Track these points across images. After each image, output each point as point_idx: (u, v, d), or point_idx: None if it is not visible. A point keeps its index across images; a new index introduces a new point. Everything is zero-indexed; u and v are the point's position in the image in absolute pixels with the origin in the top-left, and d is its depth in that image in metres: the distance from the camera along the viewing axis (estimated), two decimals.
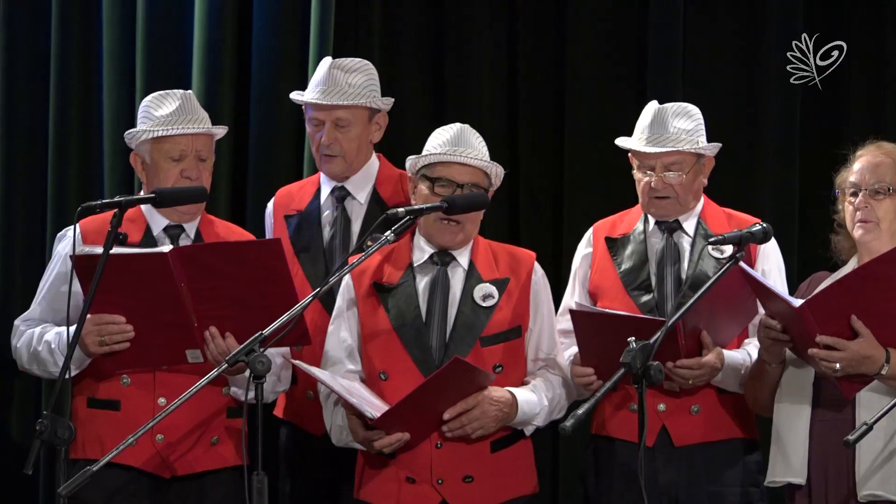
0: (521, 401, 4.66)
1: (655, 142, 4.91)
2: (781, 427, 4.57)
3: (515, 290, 4.75)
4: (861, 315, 4.37)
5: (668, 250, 4.96)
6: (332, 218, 5.18)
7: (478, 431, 4.61)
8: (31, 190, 6.26)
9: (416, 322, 4.68)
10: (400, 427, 4.55)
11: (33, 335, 4.80)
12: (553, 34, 6.23)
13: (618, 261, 4.98)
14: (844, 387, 4.43)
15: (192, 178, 4.81)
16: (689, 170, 4.93)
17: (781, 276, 4.99)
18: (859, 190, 4.58)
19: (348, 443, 4.69)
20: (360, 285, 4.74)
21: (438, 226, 4.68)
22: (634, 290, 4.93)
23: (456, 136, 4.74)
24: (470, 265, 4.75)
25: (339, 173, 5.18)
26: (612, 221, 5.11)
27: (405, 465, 4.65)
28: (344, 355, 4.74)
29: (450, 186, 4.68)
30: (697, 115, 4.98)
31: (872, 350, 4.38)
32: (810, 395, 4.54)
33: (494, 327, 4.70)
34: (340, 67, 5.15)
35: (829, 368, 4.39)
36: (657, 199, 4.94)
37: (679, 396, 4.83)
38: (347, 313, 4.76)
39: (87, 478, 3.97)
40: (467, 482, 4.65)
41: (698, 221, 4.99)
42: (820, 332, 4.37)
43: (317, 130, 5.17)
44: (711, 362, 4.71)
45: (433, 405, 4.56)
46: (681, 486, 4.83)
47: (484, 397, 4.59)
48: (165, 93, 4.89)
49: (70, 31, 6.23)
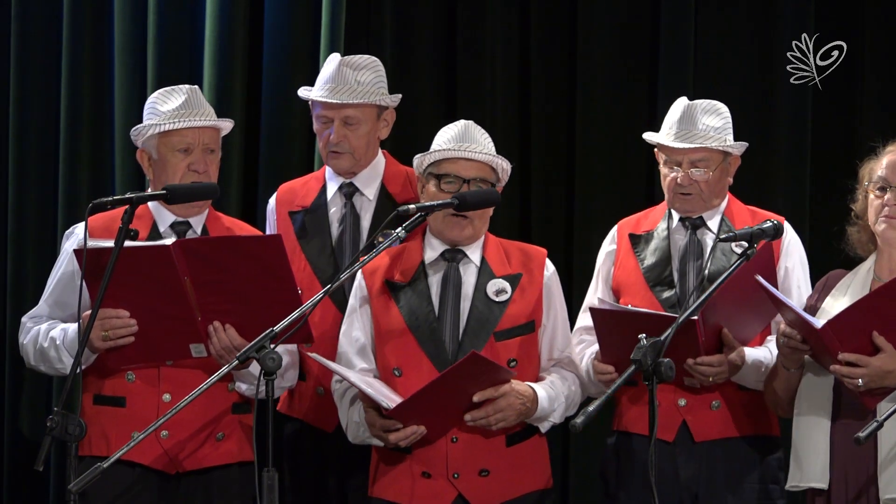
0: (541, 396, 4.67)
1: (684, 137, 4.91)
2: (802, 433, 4.57)
3: (528, 286, 4.75)
4: (882, 330, 4.37)
5: (691, 247, 4.96)
6: (340, 214, 5.18)
7: (500, 424, 4.61)
8: (42, 186, 6.27)
9: (429, 318, 4.68)
10: (416, 420, 4.55)
11: (39, 332, 4.80)
12: (565, 32, 6.23)
13: (641, 257, 4.99)
14: (866, 399, 4.43)
15: (200, 170, 4.81)
16: (715, 167, 4.93)
17: (805, 271, 4.99)
18: (888, 185, 4.56)
19: (364, 439, 4.69)
20: (372, 284, 4.75)
21: (447, 221, 4.69)
22: (657, 287, 4.93)
23: (461, 132, 4.74)
24: (482, 261, 4.75)
25: (347, 169, 5.18)
26: (637, 219, 5.12)
27: (421, 460, 4.65)
28: (357, 353, 4.75)
29: (456, 182, 4.68)
30: (726, 114, 4.98)
31: (894, 364, 4.38)
32: (830, 402, 4.53)
33: (508, 322, 4.70)
34: (349, 65, 5.14)
35: (852, 384, 4.39)
36: (682, 195, 4.94)
37: (699, 392, 4.83)
38: (360, 312, 4.77)
39: (97, 474, 3.97)
40: (483, 476, 4.66)
41: (722, 219, 4.99)
42: (842, 350, 4.38)
43: (325, 128, 5.16)
44: (732, 360, 4.72)
45: (450, 399, 4.56)
46: (701, 482, 4.84)
47: (511, 389, 4.59)
48: (171, 88, 4.89)
49: (81, 26, 6.24)
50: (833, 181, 4.88)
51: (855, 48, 6.09)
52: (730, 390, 4.84)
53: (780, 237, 4.59)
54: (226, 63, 6.08)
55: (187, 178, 4.79)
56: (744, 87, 6.11)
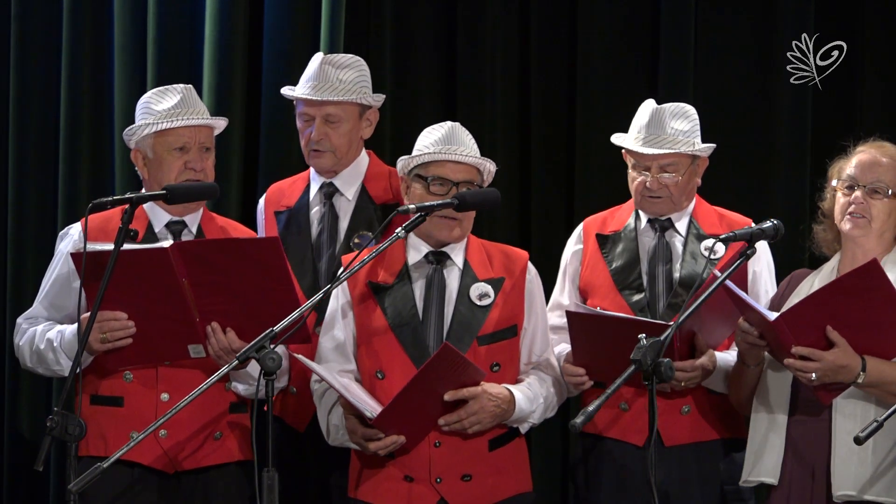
0: (519, 398, 4.66)
1: (652, 143, 4.91)
2: (758, 428, 4.59)
3: (510, 290, 4.74)
4: (836, 325, 4.38)
5: (660, 249, 4.96)
6: (320, 215, 5.17)
7: (475, 427, 4.60)
8: (42, 186, 6.27)
9: (412, 321, 4.67)
10: (397, 427, 4.54)
11: (35, 333, 4.80)
12: (565, 30, 6.22)
13: (609, 259, 4.98)
14: (821, 395, 4.44)
15: (197, 168, 4.81)
16: (684, 171, 4.93)
17: (771, 275, 5.00)
18: (856, 185, 4.57)
19: (343, 442, 4.69)
20: (354, 286, 4.73)
21: (436, 222, 4.65)
22: (626, 290, 4.92)
23: (447, 134, 4.73)
24: (465, 264, 4.73)
25: (328, 168, 5.17)
26: (603, 217, 5.11)
27: (403, 463, 4.64)
28: (338, 355, 4.74)
29: (445, 185, 4.66)
30: (694, 116, 4.98)
31: (848, 359, 4.38)
32: (788, 398, 4.55)
33: (491, 326, 4.69)
34: (331, 63, 5.14)
35: (806, 378, 4.40)
36: (651, 199, 4.94)
37: (670, 397, 4.82)
38: (342, 313, 4.75)
39: (97, 474, 3.97)
40: (465, 481, 4.65)
41: (690, 220, 4.99)
42: (796, 343, 4.38)
43: (307, 126, 5.17)
44: (704, 364, 4.73)
45: (428, 400, 4.55)
46: (671, 486, 4.82)
47: (483, 392, 4.58)
48: (165, 88, 4.89)
49: (81, 26, 6.24)
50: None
51: (855, 48, 6.09)
52: (700, 395, 4.84)
53: (779, 237, 4.59)
54: (226, 63, 6.08)
55: (184, 177, 4.79)
56: (744, 87, 6.11)
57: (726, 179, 5.93)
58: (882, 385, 4.41)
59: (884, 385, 4.41)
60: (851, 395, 4.45)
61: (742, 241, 4.41)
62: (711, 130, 5.87)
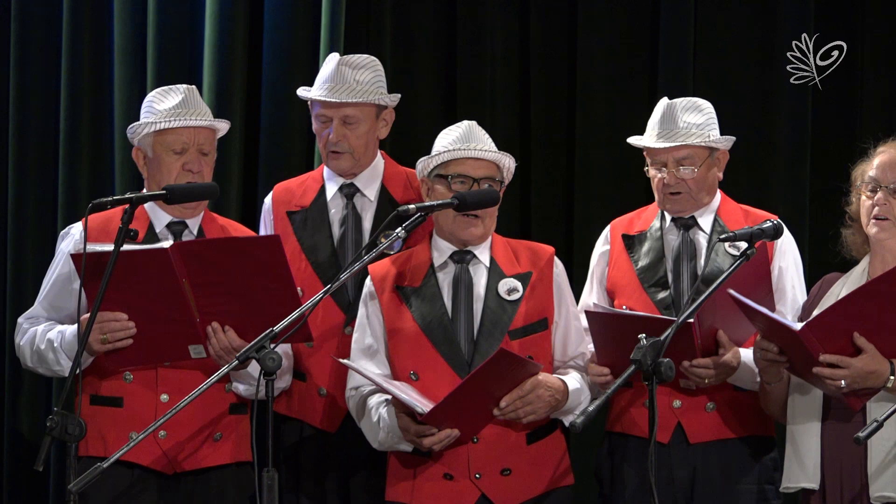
0: (572, 388, 4.70)
1: (665, 137, 4.91)
2: (795, 434, 4.57)
3: (538, 284, 4.76)
4: (863, 330, 4.36)
5: (685, 247, 4.96)
6: (342, 215, 5.17)
7: (530, 416, 4.62)
8: (42, 186, 6.26)
9: (442, 320, 4.69)
10: (449, 422, 4.54)
11: (36, 333, 4.80)
12: (565, 30, 6.22)
13: (634, 258, 4.98)
14: (852, 401, 4.42)
15: (195, 171, 4.81)
16: (701, 164, 4.92)
17: (799, 271, 4.99)
18: (878, 186, 4.56)
19: (393, 445, 4.69)
20: (382, 291, 4.76)
21: (458, 222, 4.69)
22: (651, 287, 4.93)
23: (465, 132, 4.76)
24: (491, 261, 4.76)
25: (347, 169, 5.17)
26: (630, 219, 5.11)
27: (442, 462, 4.66)
28: (370, 360, 4.75)
29: (466, 182, 4.69)
30: (708, 109, 4.97)
31: (877, 365, 4.37)
32: (820, 403, 4.54)
33: (521, 320, 4.72)
34: (348, 64, 5.14)
35: (835, 386, 4.38)
36: (671, 195, 4.93)
37: (694, 394, 4.83)
38: (371, 319, 4.77)
39: (97, 474, 3.96)
40: (505, 475, 4.66)
41: (715, 218, 4.98)
42: (823, 351, 4.36)
43: (324, 127, 5.16)
44: (728, 361, 4.71)
45: (480, 398, 4.56)
46: (696, 483, 4.83)
47: (539, 382, 4.60)
48: (169, 87, 4.90)
49: (81, 26, 6.24)
50: (833, 181, 4.87)
51: (855, 48, 6.09)
52: (725, 391, 4.83)
53: (780, 237, 4.58)
54: (226, 63, 6.08)
55: (182, 178, 4.80)
56: (744, 87, 6.11)
57: (726, 179, 5.92)
58: None
59: None
60: (883, 398, 4.41)
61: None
62: None
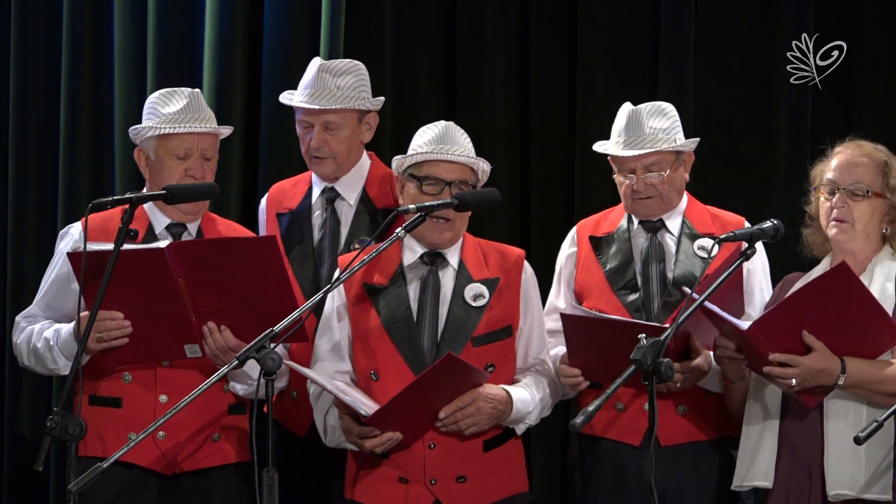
0: (516, 399, 4.65)
1: (633, 144, 4.90)
2: (751, 432, 4.58)
3: (506, 290, 4.73)
4: (813, 329, 4.36)
5: (653, 249, 4.95)
6: (322, 220, 5.17)
7: (472, 428, 4.59)
8: (42, 186, 6.27)
9: (407, 322, 4.66)
10: (393, 426, 4.53)
11: (33, 332, 4.80)
12: (565, 31, 6.22)
13: (602, 260, 4.97)
14: (806, 399, 4.43)
15: (197, 177, 4.80)
16: (669, 168, 4.92)
17: (766, 274, 4.99)
18: (836, 188, 4.55)
19: (340, 443, 4.69)
20: (349, 287, 4.72)
21: (427, 224, 4.62)
22: (620, 290, 4.92)
23: (441, 133, 4.72)
24: (460, 265, 4.72)
25: (329, 174, 5.17)
26: (597, 220, 5.10)
27: (398, 465, 4.64)
28: (334, 356, 4.73)
29: (438, 185, 4.65)
30: (672, 113, 4.97)
31: (826, 363, 4.37)
32: (779, 401, 4.54)
33: (485, 327, 4.68)
34: (329, 70, 5.12)
35: (785, 385, 4.38)
36: (641, 200, 4.93)
37: (665, 397, 4.81)
38: (338, 315, 4.74)
39: (97, 474, 3.96)
40: (460, 482, 4.64)
41: (683, 220, 4.98)
42: (772, 351, 4.37)
43: (306, 132, 5.16)
44: (699, 365, 4.72)
45: (426, 403, 4.54)
46: (668, 486, 4.81)
47: (479, 394, 4.57)
48: (173, 90, 4.88)
49: (81, 27, 6.24)
50: None
51: (855, 48, 6.09)
52: (695, 395, 4.83)
53: (780, 238, 4.58)
54: (226, 63, 6.08)
55: (184, 183, 4.79)
56: (744, 87, 6.10)
57: (726, 179, 5.94)
58: (865, 385, 4.40)
59: (866, 385, 4.40)
60: (840, 395, 4.43)
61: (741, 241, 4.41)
62: (711, 130, 5.89)
